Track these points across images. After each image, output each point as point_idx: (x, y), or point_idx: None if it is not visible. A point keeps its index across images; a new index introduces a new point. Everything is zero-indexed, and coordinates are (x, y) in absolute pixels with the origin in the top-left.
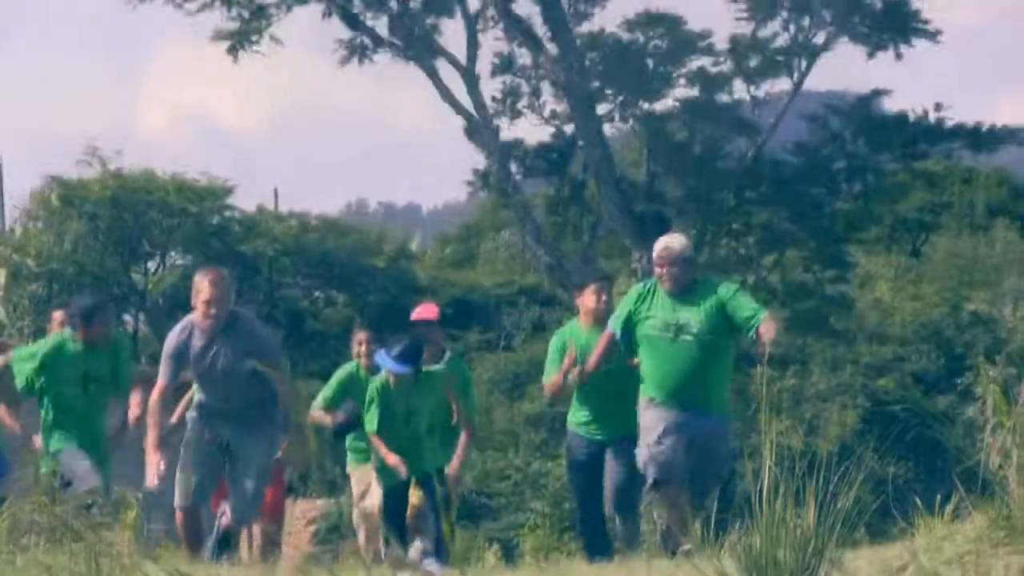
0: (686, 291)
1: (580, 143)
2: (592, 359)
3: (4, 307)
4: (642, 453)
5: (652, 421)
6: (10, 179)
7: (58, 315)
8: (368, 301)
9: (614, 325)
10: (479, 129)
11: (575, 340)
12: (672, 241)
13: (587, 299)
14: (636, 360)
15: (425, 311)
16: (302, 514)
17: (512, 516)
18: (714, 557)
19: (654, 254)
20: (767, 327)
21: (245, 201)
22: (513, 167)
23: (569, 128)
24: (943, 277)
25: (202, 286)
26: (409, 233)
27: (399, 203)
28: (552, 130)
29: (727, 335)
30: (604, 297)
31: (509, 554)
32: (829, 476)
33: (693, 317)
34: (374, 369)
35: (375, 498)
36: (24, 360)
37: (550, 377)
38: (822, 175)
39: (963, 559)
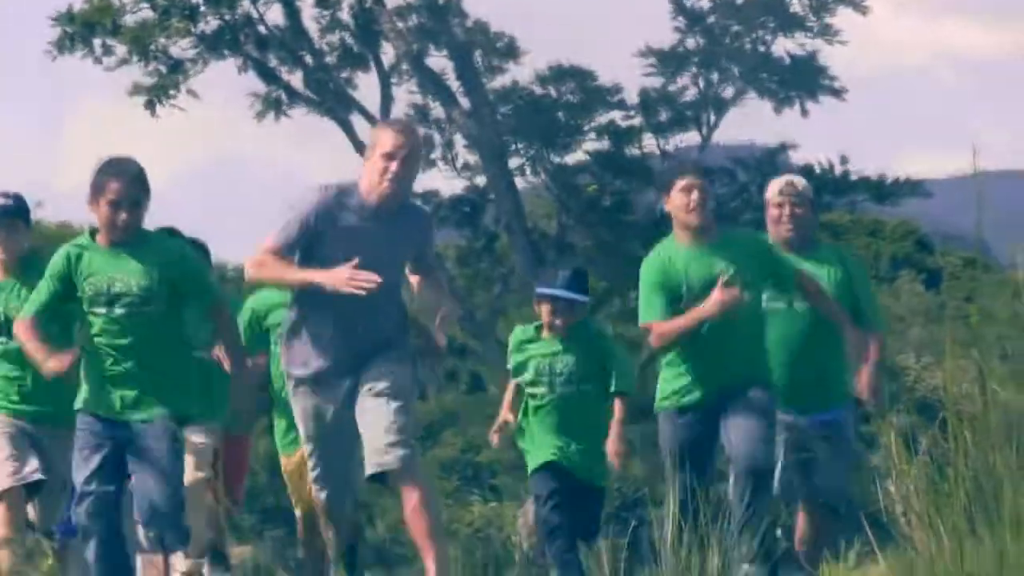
0: (808, 246)
1: (492, 195)
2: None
3: None
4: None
5: None
6: None
7: None
8: None
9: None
10: None
11: (673, 267)
12: (794, 178)
13: (676, 200)
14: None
15: None
16: None
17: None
18: None
19: (771, 193)
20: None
21: None
22: None
23: (481, 180)
24: None
25: (383, 137)
26: None
27: None
28: (465, 182)
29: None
30: (697, 195)
31: None
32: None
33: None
34: None
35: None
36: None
37: (657, 321)
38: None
39: None
